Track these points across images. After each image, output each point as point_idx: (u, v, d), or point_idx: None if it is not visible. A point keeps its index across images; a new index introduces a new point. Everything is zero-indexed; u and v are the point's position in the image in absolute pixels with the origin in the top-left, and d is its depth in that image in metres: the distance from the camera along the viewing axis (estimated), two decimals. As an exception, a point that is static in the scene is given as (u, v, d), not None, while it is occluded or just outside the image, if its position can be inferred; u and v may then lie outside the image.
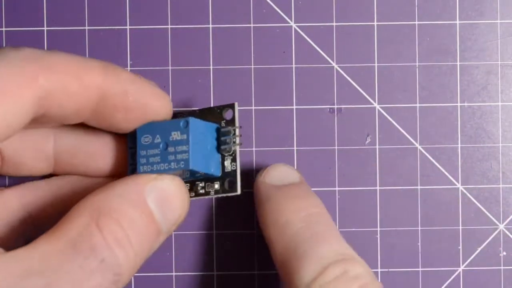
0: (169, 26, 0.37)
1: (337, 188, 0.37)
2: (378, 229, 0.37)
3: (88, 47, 0.37)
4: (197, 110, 0.34)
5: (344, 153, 0.37)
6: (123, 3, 0.37)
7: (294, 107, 0.37)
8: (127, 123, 0.32)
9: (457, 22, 0.37)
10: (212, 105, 0.36)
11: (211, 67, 0.37)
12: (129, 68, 0.37)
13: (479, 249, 0.37)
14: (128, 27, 0.37)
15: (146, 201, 0.30)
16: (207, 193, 0.33)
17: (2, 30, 0.37)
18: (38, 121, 0.31)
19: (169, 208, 0.31)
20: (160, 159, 0.32)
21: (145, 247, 0.30)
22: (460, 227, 0.37)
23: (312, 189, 0.36)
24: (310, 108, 0.37)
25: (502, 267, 0.37)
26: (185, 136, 0.32)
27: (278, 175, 0.35)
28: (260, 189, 0.34)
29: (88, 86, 0.30)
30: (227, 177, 0.33)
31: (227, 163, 0.33)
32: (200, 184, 0.33)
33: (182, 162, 0.32)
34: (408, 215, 0.37)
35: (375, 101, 0.37)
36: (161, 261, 0.37)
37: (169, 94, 0.37)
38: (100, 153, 0.34)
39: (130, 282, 0.37)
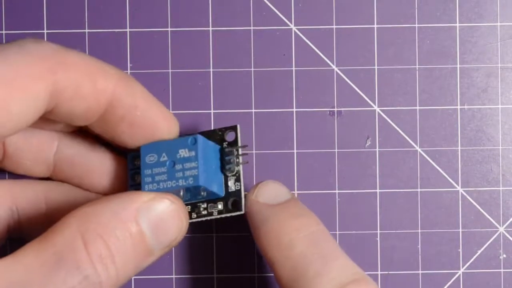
0: (169, 29, 0.37)
1: (337, 191, 0.37)
2: (378, 231, 0.37)
3: (88, 50, 0.37)
4: (198, 133, 0.33)
5: (344, 155, 0.37)
6: (123, 6, 0.37)
7: (294, 109, 0.37)
8: (130, 138, 0.32)
9: (457, 24, 0.37)
10: (213, 127, 0.36)
11: (211, 69, 0.37)
12: (129, 71, 0.37)
13: (479, 251, 0.37)
14: (128, 29, 0.37)
15: (138, 221, 0.30)
16: (209, 214, 0.33)
17: (2, 33, 0.37)
18: (45, 119, 0.31)
19: (163, 231, 0.31)
20: (167, 177, 0.32)
21: (129, 267, 0.29)
22: (460, 230, 0.37)
23: (312, 191, 0.36)
24: (310, 111, 0.37)
25: (502, 270, 0.37)
26: (193, 153, 0.32)
27: (270, 193, 0.33)
28: (255, 210, 0.33)
29: (101, 91, 0.30)
30: (231, 197, 0.33)
31: (231, 183, 0.33)
32: (203, 206, 0.33)
33: (191, 179, 0.32)
34: (408, 218, 0.37)
35: (375, 104, 0.37)
36: (161, 263, 0.37)
37: (169, 96, 0.37)
38: (97, 171, 0.34)
39: (130, 284, 0.37)
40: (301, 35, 0.37)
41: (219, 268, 0.37)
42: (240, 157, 0.33)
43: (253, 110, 0.37)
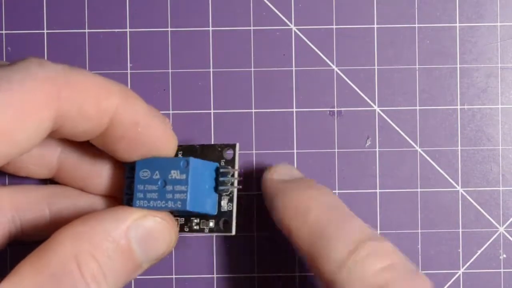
0: (169, 29, 0.37)
1: (337, 191, 0.37)
2: (378, 231, 0.37)
3: (88, 50, 0.37)
4: (198, 145, 0.34)
5: (344, 155, 0.37)
6: (123, 6, 0.37)
7: (294, 109, 0.37)
8: (128, 154, 0.32)
9: (457, 24, 0.37)
10: (213, 142, 0.36)
11: (211, 69, 0.37)
12: (129, 71, 0.37)
13: (479, 251, 0.37)
14: (128, 29, 0.37)
15: (128, 238, 0.31)
16: (201, 230, 0.33)
17: (2, 33, 0.37)
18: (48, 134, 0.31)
19: (152, 247, 0.31)
20: (157, 196, 0.32)
21: (120, 281, 0.31)
22: (460, 230, 0.37)
23: (312, 191, 0.36)
24: (310, 111, 0.37)
25: (502, 270, 0.37)
26: (184, 176, 0.32)
27: (285, 172, 0.35)
28: (271, 185, 0.34)
29: (104, 111, 0.30)
30: (223, 217, 0.33)
31: (224, 202, 0.33)
32: (195, 221, 0.33)
33: (180, 203, 0.32)
34: (408, 218, 0.37)
35: (375, 104, 0.37)
36: (161, 263, 0.37)
37: (169, 96, 0.37)
38: (99, 173, 0.35)
39: (130, 284, 0.37)
40: (301, 35, 0.37)
41: (219, 268, 0.37)
42: (236, 180, 0.33)
43: (253, 110, 0.37)
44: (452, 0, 0.37)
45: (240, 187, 0.33)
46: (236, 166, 0.33)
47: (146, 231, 0.31)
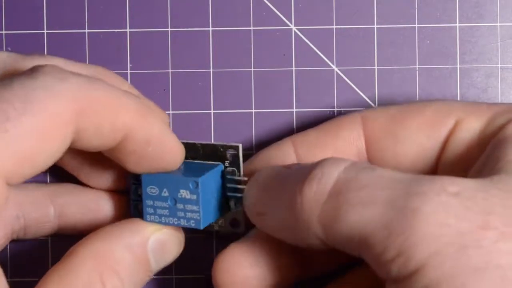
0: (169, 29, 0.37)
1: (337, 191, 0.37)
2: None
3: (88, 50, 0.37)
4: (199, 144, 0.33)
5: (344, 156, 0.37)
6: (123, 6, 0.37)
7: (294, 110, 0.37)
8: (135, 167, 0.32)
9: (457, 25, 0.37)
10: (213, 141, 0.36)
11: (211, 70, 0.37)
12: (129, 71, 0.37)
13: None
14: (128, 30, 0.37)
15: (147, 252, 0.32)
16: (210, 226, 0.34)
17: (2, 33, 0.37)
18: None
19: (164, 258, 0.33)
20: (168, 213, 0.32)
21: None
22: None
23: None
24: (310, 111, 0.37)
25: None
26: (195, 197, 0.32)
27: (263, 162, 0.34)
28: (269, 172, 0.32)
29: (119, 129, 0.30)
30: (231, 216, 0.34)
31: (232, 203, 0.33)
32: None
33: (193, 221, 0.32)
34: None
35: (375, 104, 0.37)
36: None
37: (169, 96, 0.37)
38: (105, 169, 0.35)
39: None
40: (301, 35, 0.37)
41: (219, 268, 0.37)
42: (242, 185, 0.33)
43: (253, 110, 0.37)
44: (452, 0, 0.37)
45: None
46: (241, 169, 0.33)
47: (160, 243, 0.32)
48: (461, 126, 0.32)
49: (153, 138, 0.31)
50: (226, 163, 0.33)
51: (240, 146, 0.33)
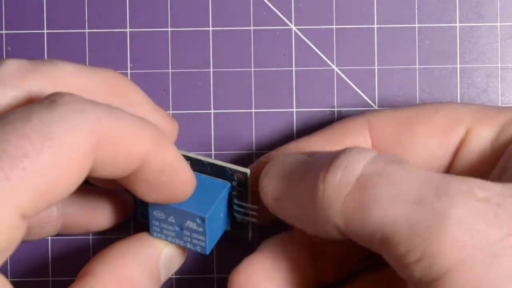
0: (169, 29, 0.37)
1: (337, 191, 0.37)
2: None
3: (88, 50, 0.37)
4: (208, 163, 0.33)
5: (344, 155, 0.37)
6: (123, 6, 0.37)
7: (294, 109, 0.37)
8: (145, 195, 0.31)
9: (457, 24, 0.37)
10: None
11: (211, 69, 0.37)
12: (129, 71, 0.37)
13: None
14: (128, 29, 0.37)
15: (159, 269, 0.33)
16: None
17: (2, 33, 0.37)
18: None
19: (170, 271, 0.34)
20: (175, 235, 0.33)
21: None
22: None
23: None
24: (310, 111, 0.37)
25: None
26: (201, 229, 0.32)
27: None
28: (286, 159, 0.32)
29: (135, 159, 0.29)
30: (239, 228, 0.34)
31: (239, 218, 0.34)
32: None
33: (199, 247, 0.33)
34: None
35: (375, 104, 0.37)
36: (161, 263, 0.37)
37: (169, 96, 0.37)
38: None
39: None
40: (301, 35, 0.37)
41: (219, 268, 0.37)
42: (250, 211, 0.33)
43: (253, 110, 0.37)
44: (452, 0, 0.37)
45: (255, 220, 0.33)
46: (249, 196, 0.33)
47: (169, 258, 0.33)
48: (472, 135, 0.31)
49: (167, 169, 0.30)
50: (234, 183, 0.33)
51: (249, 172, 0.32)
